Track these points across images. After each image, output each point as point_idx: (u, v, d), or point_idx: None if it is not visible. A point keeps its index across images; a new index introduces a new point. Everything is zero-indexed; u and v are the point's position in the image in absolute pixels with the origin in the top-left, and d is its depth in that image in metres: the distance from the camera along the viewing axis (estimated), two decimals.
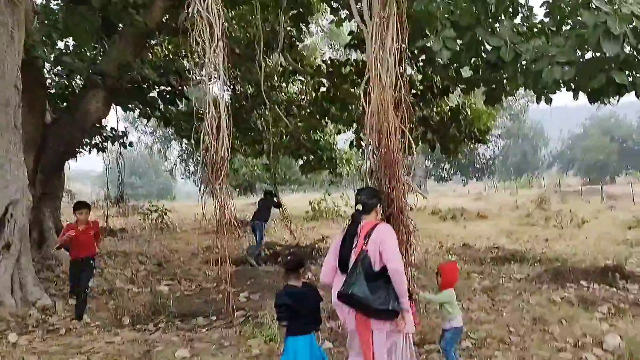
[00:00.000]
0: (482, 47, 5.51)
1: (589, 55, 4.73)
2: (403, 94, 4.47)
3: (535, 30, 6.15)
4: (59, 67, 9.65)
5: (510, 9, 6.13)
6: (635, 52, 4.44)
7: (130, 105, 10.84)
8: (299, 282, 4.35)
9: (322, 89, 12.76)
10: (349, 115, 13.00)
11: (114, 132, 12.91)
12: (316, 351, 4.30)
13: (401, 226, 4.54)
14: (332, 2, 10.93)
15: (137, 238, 14.48)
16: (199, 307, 7.57)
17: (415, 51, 9.22)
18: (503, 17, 5.97)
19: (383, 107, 4.37)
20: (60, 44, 10.53)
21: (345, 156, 17.11)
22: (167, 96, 10.41)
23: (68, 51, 10.35)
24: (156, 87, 10.17)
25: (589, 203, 32.00)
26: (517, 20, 6.34)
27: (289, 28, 11.82)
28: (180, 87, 10.09)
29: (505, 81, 9.11)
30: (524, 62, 5.26)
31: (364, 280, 3.61)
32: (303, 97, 14.90)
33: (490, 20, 5.87)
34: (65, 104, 10.67)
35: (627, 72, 4.54)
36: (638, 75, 4.56)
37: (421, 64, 10.04)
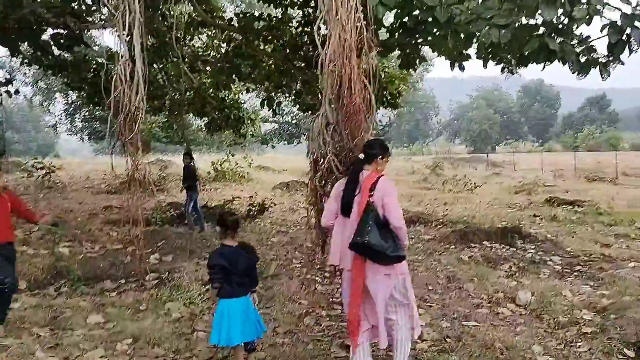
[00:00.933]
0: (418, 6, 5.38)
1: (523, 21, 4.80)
2: (365, 36, 4.17)
3: None
4: None
5: None
6: (567, 19, 4.57)
7: (19, 48, 9.63)
8: (234, 242, 4.11)
9: (233, 44, 12.17)
10: (259, 74, 12.57)
11: None
12: (252, 314, 4.11)
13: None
14: None
15: (23, 197, 13.23)
16: (105, 270, 7.05)
17: None
18: None
19: (344, 51, 4.07)
20: None
21: (252, 116, 16.66)
22: (63, 40, 9.36)
23: None
24: (51, 28, 9.10)
25: (475, 170, 34.14)
26: None
27: None
28: (78, 31, 9.08)
29: (420, 46, 9.26)
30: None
31: (377, 230, 3.68)
32: (210, 52, 14.16)
33: None
34: None
35: (558, 38, 4.68)
36: (567, 41, 4.71)
37: None
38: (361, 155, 4.00)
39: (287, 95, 13.58)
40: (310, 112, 12.80)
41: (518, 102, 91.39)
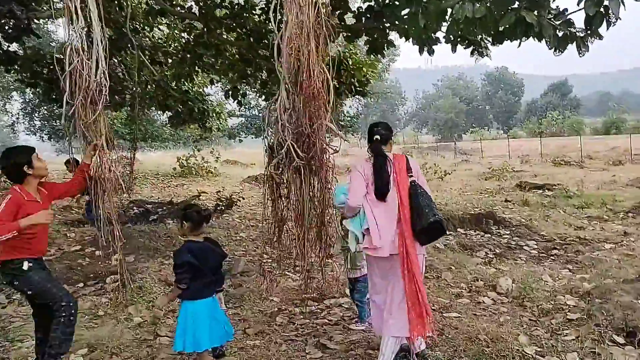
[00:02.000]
0: None
1: None
2: (322, 17, 3.90)
3: None
4: None
5: None
6: None
7: None
8: (200, 238, 3.77)
9: (194, 33, 11.68)
10: (223, 64, 12.12)
11: None
12: (219, 316, 3.78)
13: (322, 172, 4.05)
14: None
15: None
16: (62, 273, 6.57)
17: None
18: None
19: (302, 33, 3.77)
20: None
21: (218, 109, 16.16)
22: (10, 31, 8.73)
23: None
24: None
25: (444, 158, 34.28)
26: None
27: None
28: (27, 21, 8.47)
29: (387, 31, 9.00)
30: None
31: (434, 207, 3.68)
32: (171, 42, 13.62)
33: None
34: None
35: (534, 12, 4.45)
36: (544, 15, 4.48)
37: None
38: (377, 137, 3.93)
39: (252, 85, 13.16)
40: None
41: (483, 90, 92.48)
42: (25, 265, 3.65)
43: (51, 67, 10.85)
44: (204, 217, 3.85)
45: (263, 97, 13.33)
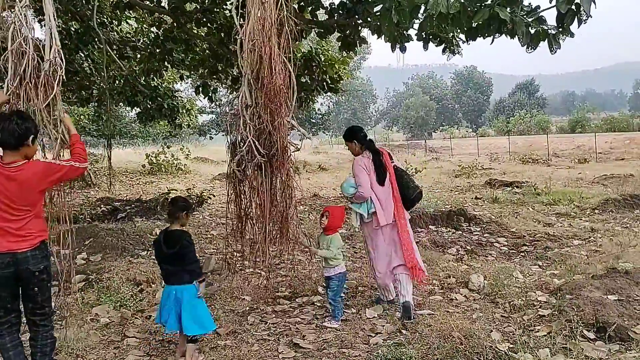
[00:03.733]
0: None
1: None
2: (285, 13, 3.85)
3: None
4: None
5: None
6: None
7: None
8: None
9: (163, 27, 11.44)
10: (193, 59, 11.92)
11: None
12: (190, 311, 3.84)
13: (284, 169, 4.02)
14: None
15: None
16: None
17: None
18: None
19: (264, 29, 3.72)
20: None
21: (188, 105, 15.92)
22: None
23: None
24: None
25: (415, 156, 34.52)
26: None
27: None
28: None
29: (360, 27, 8.96)
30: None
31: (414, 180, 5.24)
32: (139, 37, 13.32)
33: None
34: None
35: (507, 8, 4.45)
36: (517, 12, 4.49)
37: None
38: (369, 137, 5.25)
39: (223, 82, 12.98)
40: None
41: (452, 89, 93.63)
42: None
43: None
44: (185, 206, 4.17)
45: (234, 93, 13.15)
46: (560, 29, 4.61)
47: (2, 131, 3.13)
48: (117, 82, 13.60)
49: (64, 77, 3.71)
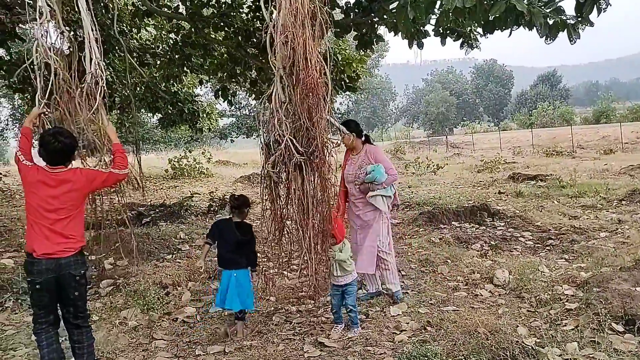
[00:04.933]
0: None
1: None
2: (317, 3, 3.72)
3: None
4: None
5: None
6: None
7: None
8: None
9: (181, 33, 11.57)
10: (211, 63, 12.03)
11: None
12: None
13: (325, 167, 3.92)
14: None
15: None
16: None
17: None
18: None
19: (296, 20, 3.63)
20: None
21: (208, 109, 16.06)
22: None
23: None
24: None
25: (436, 152, 34.30)
26: None
27: None
28: (11, 25, 8.35)
29: (376, 25, 8.94)
30: None
31: None
32: (159, 43, 13.49)
33: None
34: None
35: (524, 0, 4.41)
36: (534, 3, 4.44)
37: None
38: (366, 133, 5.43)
39: (242, 84, 13.07)
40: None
41: (472, 83, 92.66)
42: None
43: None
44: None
45: (253, 96, 13.24)
46: (579, 19, 4.55)
47: (51, 153, 3.44)
48: (138, 89, 13.80)
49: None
